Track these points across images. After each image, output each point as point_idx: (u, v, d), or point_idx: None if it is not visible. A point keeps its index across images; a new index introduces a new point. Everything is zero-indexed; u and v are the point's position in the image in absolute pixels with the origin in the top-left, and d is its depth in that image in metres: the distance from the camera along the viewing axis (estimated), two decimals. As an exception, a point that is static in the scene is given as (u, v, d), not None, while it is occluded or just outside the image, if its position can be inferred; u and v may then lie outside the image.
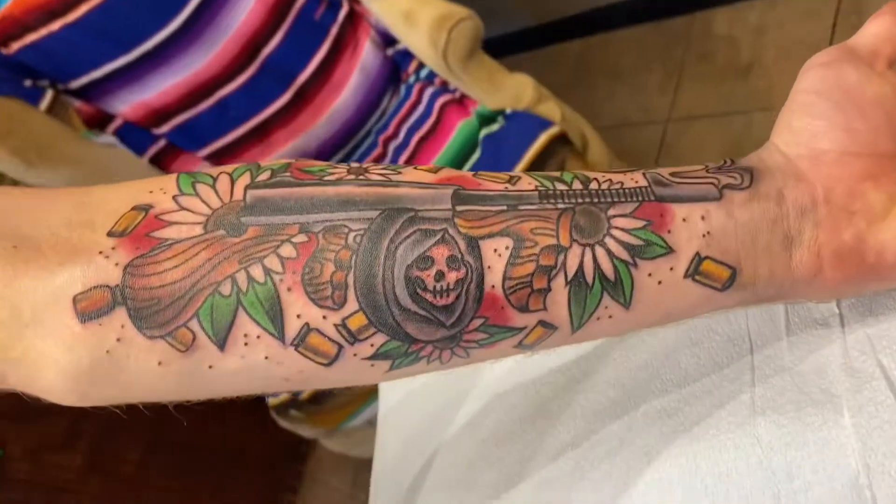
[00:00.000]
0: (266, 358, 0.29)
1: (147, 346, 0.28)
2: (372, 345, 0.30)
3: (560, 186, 0.32)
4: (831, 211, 0.32)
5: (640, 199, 0.32)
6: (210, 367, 0.29)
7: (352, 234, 0.30)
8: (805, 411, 0.34)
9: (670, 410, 0.40)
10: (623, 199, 0.32)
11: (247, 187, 0.31)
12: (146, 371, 0.29)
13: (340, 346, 0.30)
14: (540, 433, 0.48)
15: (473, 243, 0.30)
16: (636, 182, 0.32)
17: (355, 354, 0.30)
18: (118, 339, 0.28)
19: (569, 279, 0.31)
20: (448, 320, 0.30)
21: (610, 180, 0.33)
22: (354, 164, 0.33)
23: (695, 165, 0.34)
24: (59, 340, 0.28)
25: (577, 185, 0.32)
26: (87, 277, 0.28)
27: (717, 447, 0.36)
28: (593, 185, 0.32)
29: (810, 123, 0.33)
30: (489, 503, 0.48)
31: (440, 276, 0.30)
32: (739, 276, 0.32)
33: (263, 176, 0.31)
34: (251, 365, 0.29)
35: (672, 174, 0.33)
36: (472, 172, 0.33)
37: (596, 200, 0.32)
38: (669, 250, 0.31)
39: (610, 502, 0.40)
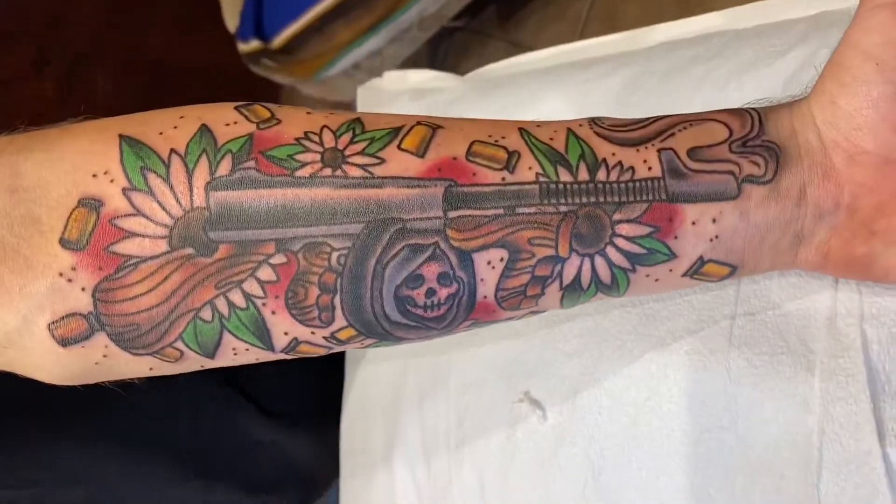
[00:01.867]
0: (257, 358, 0.29)
1: (136, 359, 0.28)
2: (362, 343, 0.29)
3: (564, 176, 0.28)
4: (851, 221, 0.29)
5: (651, 198, 0.29)
6: (202, 366, 0.29)
7: (335, 255, 0.27)
8: (779, 359, 0.35)
9: (649, 312, 0.40)
10: (632, 199, 0.28)
11: (207, 186, 0.27)
12: (139, 372, 0.29)
13: (330, 348, 0.29)
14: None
15: (466, 257, 0.28)
16: (649, 168, 0.29)
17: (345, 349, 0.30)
18: (105, 356, 0.27)
19: (564, 286, 0.29)
20: (438, 326, 0.29)
21: (620, 164, 0.29)
22: (329, 148, 0.28)
23: (717, 131, 0.30)
24: (43, 359, 0.27)
25: (582, 175, 0.29)
26: (56, 305, 0.26)
27: (687, 364, 0.38)
28: (601, 175, 0.29)
29: (858, 111, 0.28)
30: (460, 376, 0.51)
31: (431, 292, 0.28)
32: (738, 272, 0.30)
33: (224, 166, 0.27)
34: (243, 362, 0.30)
35: (691, 151, 0.29)
36: (465, 149, 0.29)
37: (602, 200, 0.28)
38: (672, 256, 0.29)
39: (577, 377, 0.43)
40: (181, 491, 0.58)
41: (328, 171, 0.27)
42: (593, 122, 0.31)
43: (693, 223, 0.29)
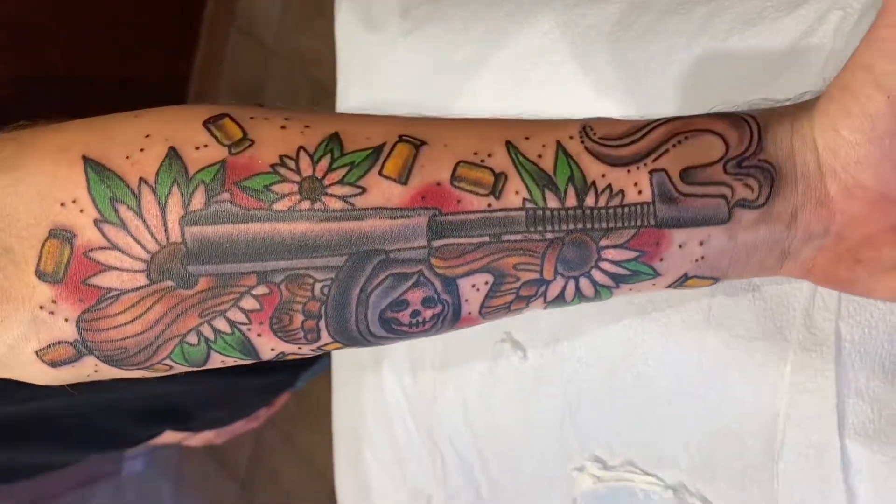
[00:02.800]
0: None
1: (128, 372, 0.29)
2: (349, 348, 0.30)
3: (551, 202, 0.28)
4: (838, 246, 0.29)
5: (640, 224, 0.28)
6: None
7: (318, 285, 0.27)
8: (754, 344, 0.36)
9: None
10: (620, 225, 0.28)
11: (182, 221, 0.26)
12: (131, 377, 0.30)
13: (316, 350, 0.30)
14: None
15: (450, 282, 0.28)
16: (640, 192, 0.28)
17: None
18: (96, 371, 0.28)
19: (547, 301, 0.30)
20: (423, 336, 0.30)
21: (610, 187, 0.28)
22: (306, 177, 0.27)
23: (713, 147, 0.28)
24: (35, 375, 0.28)
25: (570, 200, 0.28)
26: (41, 335, 0.26)
27: (665, 335, 0.39)
28: (589, 200, 0.28)
29: (861, 145, 0.27)
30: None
31: (416, 314, 0.28)
32: (720, 281, 0.30)
33: (198, 199, 0.26)
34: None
35: (684, 173, 0.28)
36: (450, 172, 0.27)
37: (589, 227, 0.28)
38: (657, 275, 0.29)
39: (558, 327, 0.44)
40: None
41: (307, 205, 0.26)
42: (585, 133, 0.29)
43: (680, 246, 0.29)
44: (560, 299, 0.29)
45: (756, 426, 0.36)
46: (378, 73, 0.57)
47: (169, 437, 0.85)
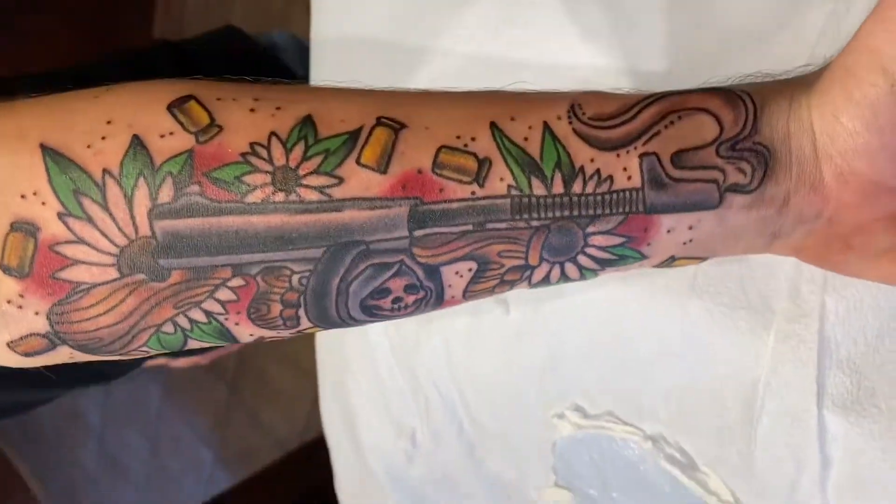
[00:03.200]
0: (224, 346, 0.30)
1: (106, 357, 0.28)
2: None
3: (537, 189, 0.26)
4: (829, 230, 0.28)
5: (628, 210, 0.27)
6: None
7: (296, 276, 0.26)
8: (738, 313, 0.36)
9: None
10: (608, 212, 0.27)
11: (151, 214, 0.25)
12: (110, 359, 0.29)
13: (296, 334, 0.29)
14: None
15: (433, 270, 0.27)
16: (629, 178, 0.27)
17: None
18: (72, 357, 0.28)
19: (532, 283, 0.29)
20: (407, 317, 0.29)
21: (598, 172, 0.27)
22: (280, 166, 0.25)
23: (707, 127, 0.27)
24: (10, 363, 0.28)
25: (557, 187, 0.26)
26: (11, 328, 0.26)
27: (648, 299, 0.39)
28: (576, 187, 0.27)
29: (860, 134, 0.26)
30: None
31: (398, 300, 0.28)
32: (708, 259, 0.30)
33: (165, 191, 0.25)
34: None
35: (675, 156, 0.27)
36: (431, 159, 0.26)
37: (576, 214, 0.27)
38: (643, 258, 0.29)
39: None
40: None
41: (281, 196, 0.25)
42: (573, 112, 0.27)
43: (669, 231, 0.28)
44: (545, 282, 0.29)
45: (736, 390, 0.37)
46: (355, 4, 0.54)
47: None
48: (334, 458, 0.68)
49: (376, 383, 0.59)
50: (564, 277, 0.29)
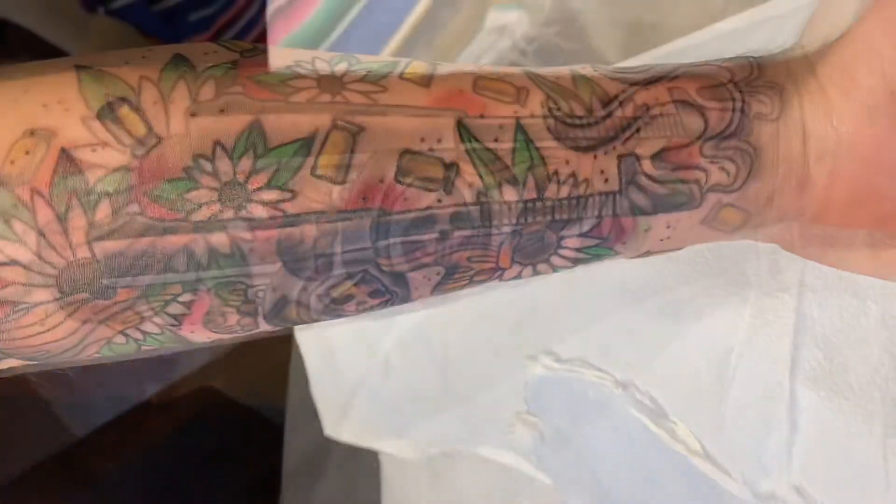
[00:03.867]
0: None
1: (57, 364, 0.27)
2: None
3: (508, 195, 0.24)
4: (812, 226, 0.27)
5: (604, 213, 0.26)
6: None
7: (252, 290, 0.24)
8: (714, 280, 0.35)
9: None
10: (584, 216, 0.25)
11: (88, 236, 0.23)
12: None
13: (256, 336, 0.28)
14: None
15: (399, 276, 0.25)
16: (606, 181, 0.25)
17: None
18: (22, 364, 0.26)
19: (503, 281, 0.28)
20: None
21: (573, 176, 0.25)
22: (227, 181, 0.23)
23: (692, 123, 0.25)
24: None
25: (529, 193, 0.25)
26: None
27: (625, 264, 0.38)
28: (550, 192, 0.25)
29: (852, 137, 0.25)
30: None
31: (363, 303, 0.26)
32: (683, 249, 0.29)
33: (103, 212, 0.22)
34: None
35: (656, 157, 0.25)
36: (394, 167, 0.24)
37: (549, 219, 0.25)
38: (617, 255, 0.27)
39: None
40: None
41: (231, 213, 0.23)
42: (550, 110, 0.25)
43: (646, 230, 0.27)
44: (517, 279, 0.28)
45: (709, 357, 0.37)
46: None
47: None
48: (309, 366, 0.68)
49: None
50: (536, 275, 0.28)
